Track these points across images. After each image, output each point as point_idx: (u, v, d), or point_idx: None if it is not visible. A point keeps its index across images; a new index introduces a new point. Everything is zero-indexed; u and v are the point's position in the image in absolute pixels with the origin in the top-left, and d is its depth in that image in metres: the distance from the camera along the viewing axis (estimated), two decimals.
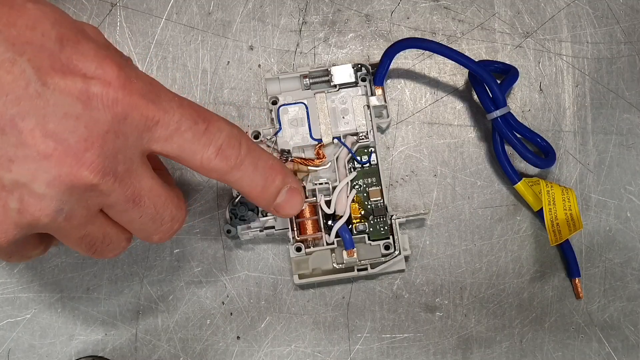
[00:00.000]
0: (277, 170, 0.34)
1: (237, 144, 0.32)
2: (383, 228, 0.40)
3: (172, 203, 0.32)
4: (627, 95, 0.42)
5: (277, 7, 0.43)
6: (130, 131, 0.29)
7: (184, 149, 0.30)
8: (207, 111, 0.32)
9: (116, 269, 0.41)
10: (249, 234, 0.40)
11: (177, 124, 0.30)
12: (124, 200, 0.30)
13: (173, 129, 0.30)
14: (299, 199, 0.35)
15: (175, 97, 0.31)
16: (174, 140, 0.30)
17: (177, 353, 0.40)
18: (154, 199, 0.31)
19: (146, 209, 0.31)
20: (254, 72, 0.43)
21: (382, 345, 0.40)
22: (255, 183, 0.33)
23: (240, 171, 0.32)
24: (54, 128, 0.27)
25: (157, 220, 0.32)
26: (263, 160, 0.33)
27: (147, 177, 0.30)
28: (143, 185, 0.30)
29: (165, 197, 0.31)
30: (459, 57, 0.39)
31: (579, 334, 0.40)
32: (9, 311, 0.40)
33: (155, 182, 0.31)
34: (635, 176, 0.42)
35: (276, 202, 0.34)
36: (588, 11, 0.43)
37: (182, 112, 0.30)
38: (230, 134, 0.31)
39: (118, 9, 0.43)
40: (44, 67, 0.27)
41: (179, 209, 0.33)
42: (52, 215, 0.28)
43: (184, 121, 0.30)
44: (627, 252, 0.41)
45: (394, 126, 0.42)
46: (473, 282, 0.41)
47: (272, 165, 0.33)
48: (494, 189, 0.42)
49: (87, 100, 0.28)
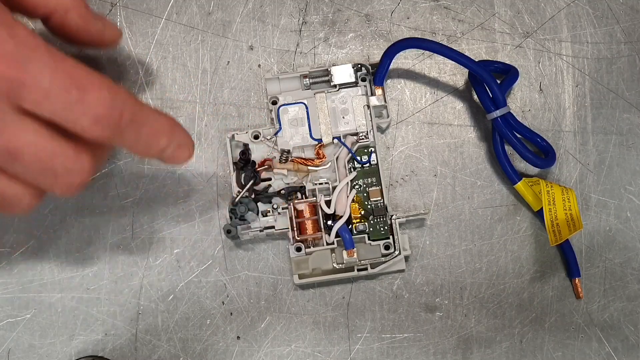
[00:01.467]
0: (161, 133, 0.33)
1: (117, 114, 0.31)
2: (383, 228, 0.40)
3: (63, 156, 0.31)
4: (627, 95, 0.42)
5: (277, 7, 0.43)
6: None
7: (56, 115, 0.30)
8: (89, 78, 0.31)
9: (116, 269, 0.41)
10: (249, 234, 0.40)
11: (45, 90, 0.29)
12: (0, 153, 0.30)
13: (42, 94, 0.29)
14: (186, 153, 0.35)
15: (53, 60, 0.30)
16: (44, 105, 0.30)
17: (177, 353, 0.40)
18: (37, 154, 0.31)
19: (29, 163, 0.31)
20: (254, 72, 0.43)
21: (382, 345, 0.40)
22: (137, 147, 0.33)
23: (120, 139, 0.32)
24: None
25: (48, 175, 0.31)
26: (147, 126, 0.33)
27: (27, 131, 0.30)
28: (20, 139, 0.30)
29: (52, 151, 0.31)
30: (459, 57, 0.39)
31: (579, 334, 0.40)
32: (9, 311, 0.40)
33: (39, 136, 0.30)
34: (635, 176, 0.42)
35: (161, 157, 0.34)
36: (588, 11, 0.43)
37: (55, 76, 0.30)
38: (110, 105, 0.31)
39: (118, 9, 0.43)
40: None
41: (76, 162, 0.32)
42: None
43: (54, 88, 0.30)
44: (627, 252, 0.41)
45: (394, 126, 0.42)
46: (473, 282, 0.41)
47: (157, 130, 0.33)
48: (494, 189, 0.42)
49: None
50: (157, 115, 0.33)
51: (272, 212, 0.40)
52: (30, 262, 0.41)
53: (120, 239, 0.41)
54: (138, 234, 0.41)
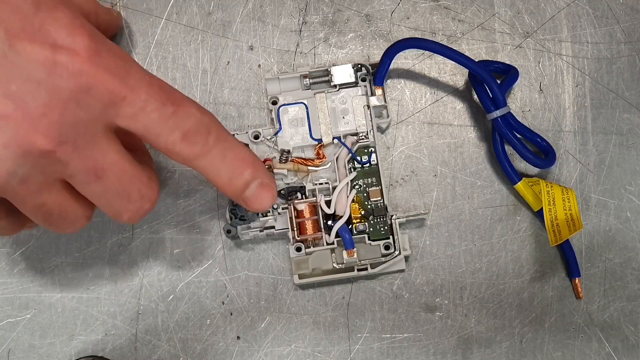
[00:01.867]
0: (247, 164, 0.33)
1: (205, 132, 0.31)
2: (383, 228, 0.40)
3: (140, 181, 0.31)
4: (627, 95, 0.42)
5: (277, 7, 0.43)
6: (93, 103, 0.28)
7: (149, 129, 0.30)
8: (180, 94, 0.31)
9: (116, 269, 0.41)
10: (249, 234, 0.40)
11: (143, 102, 0.29)
12: (84, 171, 0.29)
13: (139, 107, 0.29)
14: (269, 195, 0.34)
15: (147, 76, 0.30)
16: (139, 119, 0.30)
17: (177, 353, 0.40)
18: (118, 175, 0.30)
19: (110, 183, 0.30)
20: (254, 72, 0.43)
21: (382, 345, 0.40)
22: (221, 173, 0.32)
23: (206, 159, 0.31)
24: (15, 90, 0.27)
25: (123, 197, 0.31)
26: (233, 151, 0.32)
27: (113, 151, 0.30)
28: (107, 158, 0.30)
29: (132, 174, 0.31)
30: (459, 57, 0.39)
31: (579, 334, 0.40)
32: (9, 311, 0.40)
33: (121, 157, 0.30)
34: (635, 176, 0.42)
35: (244, 196, 0.33)
36: (588, 11, 0.43)
37: (150, 91, 0.30)
38: (199, 121, 0.31)
39: (118, 9, 0.43)
40: (15, 29, 0.27)
41: (149, 188, 0.32)
42: (5, 177, 0.28)
43: (151, 101, 0.30)
44: (627, 252, 0.41)
45: (394, 126, 0.42)
46: (473, 282, 0.41)
47: (242, 158, 0.33)
48: (494, 189, 0.42)
49: (52, 67, 0.28)
50: (242, 145, 0.33)
51: (272, 212, 0.40)
52: (30, 262, 0.41)
53: (120, 239, 0.41)
54: (138, 234, 0.41)
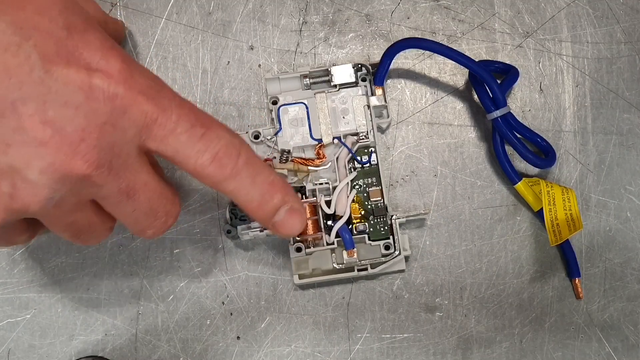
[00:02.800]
0: (277, 188, 0.33)
1: (235, 154, 0.31)
2: (383, 228, 0.40)
3: (166, 199, 0.32)
4: (627, 95, 0.42)
5: (277, 7, 0.43)
6: (128, 126, 0.29)
7: (179, 151, 0.30)
8: (209, 117, 0.31)
9: (116, 269, 0.41)
10: (249, 234, 0.40)
11: (174, 124, 0.30)
12: (117, 192, 0.30)
13: (170, 129, 0.30)
14: (298, 221, 0.34)
15: (177, 97, 0.31)
16: (169, 141, 0.30)
17: (177, 353, 0.40)
18: (148, 194, 0.31)
19: (140, 203, 0.31)
20: (254, 72, 0.43)
21: (382, 345, 0.40)
22: (251, 197, 0.32)
23: (236, 182, 0.31)
24: (52, 116, 0.27)
25: (151, 215, 0.31)
26: (263, 175, 0.32)
27: (144, 172, 0.30)
28: (138, 179, 0.30)
29: (160, 193, 0.31)
30: (459, 57, 0.39)
31: (579, 334, 0.40)
32: (9, 311, 0.40)
33: (151, 177, 0.31)
34: (635, 176, 0.42)
35: (274, 220, 0.33)
36: (588, 11, 0.43)
37: (181, 113, 0.30)
38: (229, 143, 0.31)
39: (118, 9, 0.43)
40: (49, 54, 0.27)
41: (173, 205, 0.32)
42: (42, 202, 0.28)
43: (182, 123, 0.30)
44: (627, 252, 0.41)
45: (394, 126, 0.42)
46: (473, 282, 0.41)
47: (272, 182, 0.32)
48: (494, 189, 0.42)
49: (89, 91, 0.28)
50: (271, 169, 0.33)
51: None
52: (30, 262, 0.41)
53: (120, 239, 0.41)
54: None
